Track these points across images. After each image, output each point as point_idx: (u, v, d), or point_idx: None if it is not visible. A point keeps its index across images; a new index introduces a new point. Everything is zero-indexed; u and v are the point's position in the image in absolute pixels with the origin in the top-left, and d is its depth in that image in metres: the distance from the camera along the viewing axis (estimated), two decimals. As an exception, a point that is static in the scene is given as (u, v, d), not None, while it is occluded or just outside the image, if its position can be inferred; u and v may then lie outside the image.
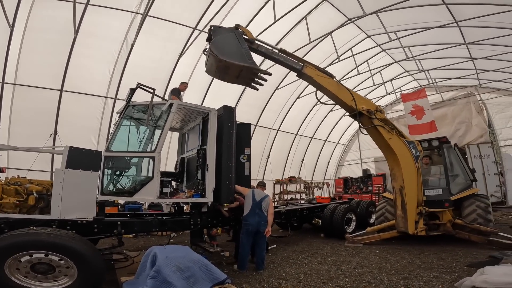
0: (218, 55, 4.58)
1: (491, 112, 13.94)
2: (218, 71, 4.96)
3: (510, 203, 12.26)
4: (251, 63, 4.87)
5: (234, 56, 4.77)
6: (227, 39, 4.93)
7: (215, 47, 4.71)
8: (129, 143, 5.15)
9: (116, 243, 4.53)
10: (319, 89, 6.09)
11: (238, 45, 4.95)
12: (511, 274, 2.73)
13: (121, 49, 8.77)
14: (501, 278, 2.68)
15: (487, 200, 6.83)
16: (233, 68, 4.81)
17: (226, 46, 4.80)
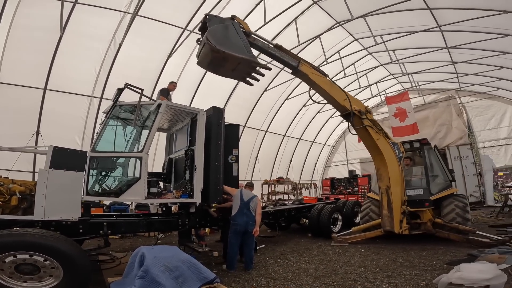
0: (216, 44, 4.19)
1: (470, 114, 14.51)
2: (212, 62, 4.59)
3: (488, 203, 12.73)
4: (250, 56, 4.56)
5: (233, 47, 4.43)
6: (225, 29, 4.56)
7: (212, 36, 4.27)
8: (116, 143, 5.09)
9: (102, 244, 4.47)
10: (312, 87, 6.06)
11: (236, 36, 4.61)
12: (485, 271, 2.86)
13: (108, 48, 8.64)
14: (475, 275, 2.81)
15: (465, 200, 7.08)
16: (231, 60, 4.48)
17: (224, 36, 4.44)
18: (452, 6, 8.90)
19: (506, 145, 13.72)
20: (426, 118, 14.44)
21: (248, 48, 4.66)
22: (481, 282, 2.72)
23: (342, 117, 6.71)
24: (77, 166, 4.00)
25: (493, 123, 14.04)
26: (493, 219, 9.60)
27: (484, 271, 2.87)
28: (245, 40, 4.71)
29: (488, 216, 10.28)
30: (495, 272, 2.89)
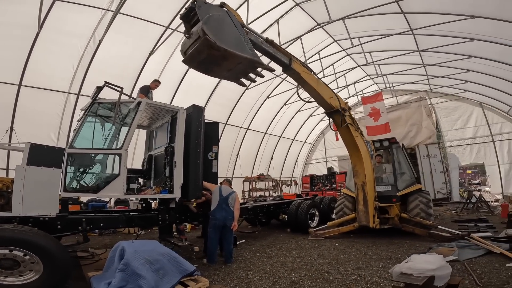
0: (216, 40, 3.64)
1: (439, 115, 15.34)
2: (207, 61, 4.04)
3: (454, 199, 13.56)
4: (254, 56, 4.13)
5: (235, 44, 3.92)
6: (221, 21, 3.97)
7: (211, 29, 3.68)
8: (94, 140, 5.08)
9: (81, 240, 4.49)
10: (302, 86, 5.94)
11: (235, 30, 4.08)
12: (431, 262, 3.16)
13: (87, 45, 8.46)
14: (422, 265, 3.09)
15: (428, 196, 7.48)
16: (231, 59, 3.99)
17: (222, 30, 3.90)
18: (424, 10, 9.34)
19: (471, 144, 14.63)
20: (399, 118, 15.15)
21: (251, 46, 4.19)
22: (427, 272, 2.99)
23: (326, 114, 6.76)
24: (54, 162, 4.01)
25: (460, 124, 14.91)
26: (457, 215, 10.18)
27: (431, 262, 3.15)
28: (245, 35, 4.21)
29: (453, 212, 10.86)
30: (441, 263, 3.19)
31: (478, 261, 4.79)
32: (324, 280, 4.26)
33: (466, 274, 4.14)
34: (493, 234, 6.50)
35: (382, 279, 4.06)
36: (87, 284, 3.99)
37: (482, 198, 11.22)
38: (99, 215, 4.99)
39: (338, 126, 6.66)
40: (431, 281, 3.05)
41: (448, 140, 15.14)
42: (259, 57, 4.29)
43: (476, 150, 14.49)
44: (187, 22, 4.07)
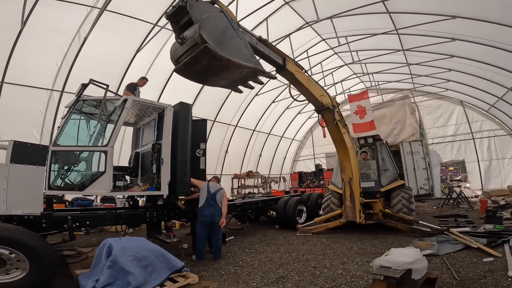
0: (218, 49, 3.29)
1: (422, 113, 15.80)
2: (204, 70, 3.66)
3: (436, 195, 14.00)
4: (257, 64, 3.83)
5: (237, 51, 3.58)
6: (221, 24, 3.59)
7: (210, 35, 3.30)
8: (79, 137, 5.03)
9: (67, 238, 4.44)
10: (294, 85, 5.87)
11: (236, 35, 3.73)
12: (408, 255, 3.26)
13: (72, 42, 8.25)
14: (401, 258, 3.19)
15: (410, 192, 7.72)
16: (233, 69, 3.64)
17: (223, 35, 3.54)
18: (408, 10, 9.54)
19: (452, 141, 15.15)
20: (384, 116, 15.52)
21: (252, 52, 3.87)
22: (404, 265, 3.11)
23: (316, 111, 6.80)
24: (38, 160, 3.96)
25: (442, 122, 15.40)
26: (438, 210, 10.51)
27: (408, 255, 3.26)
28: (244, 39, 3.88)
29: (434, 208, 11.19)
30: (417, 256, 3.30)
31: (456, 255, 4.96)
32: (311, 274, 4.38)
33: (445, 268, 4.31)
34: (472, 229, 6.68)
35: (366, 273, 4.20)
36: (74, 282, 3.97)
37: (462, 194, 11.61)
38: (85, 213, 4.94)
39: (327, 123, 6.73)
40: (408, 274, 3.19)
41: (430, 138, 15.63)
42: (261, 64, 3.98)
43: (457, 147, 15.02)
44: (175, 23, 3.64)
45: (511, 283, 3.57)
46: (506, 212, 8.18)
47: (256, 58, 3.99)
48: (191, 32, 3.44)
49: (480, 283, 3.64)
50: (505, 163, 13.93)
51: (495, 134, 14.15)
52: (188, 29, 3.53)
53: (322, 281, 4.11)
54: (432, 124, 15.62)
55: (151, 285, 3.55)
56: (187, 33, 3.51)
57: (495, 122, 14.16)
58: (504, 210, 8.71)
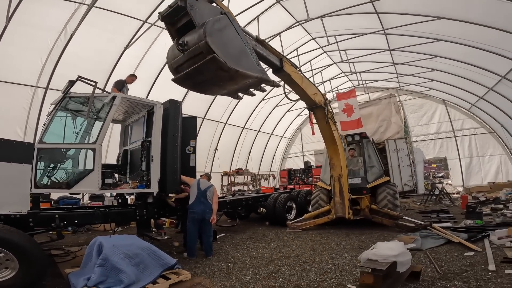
0: (227, 60, 3.01)
1: (406, 111, 16.25)
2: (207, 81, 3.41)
3: (420, 192, 14.41)
4: (263, 73, 3.56)
5: (244, 61, 3.31)
6: (226, 30, 3.29)
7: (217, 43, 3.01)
8: (65, 135, 4.96)
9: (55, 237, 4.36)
10: (288, 85, 5.81)
11: (241, 42, 3.43)
12: (393, 248, 3.42)
13: (58, 38, 8.02)
14: (386, 251, 3.35)
15: (395, 188, 7.91)
16: (239, 80, 3.40)
17: (230, 43, 3.25)
18: (396, 11, 9.75)
19: (435, 139, 15.67)
20: (370, 114, 15.86)
21: (257, 60, 3.61)
22: (390, 258, 3.26)
23: (308, 109, 6.83)
24: (24, 158, 3.87)
25: (425, 120, 15.89)
26: (422, 206, 10.83)
27: (393, 248, 3.41)
28: (249, 44, 3.58)
29: (418, 204, 11.52)
30: (402, 249, 3.46)
31: (439, 250, 5.14)
32: (302, 269, 4.47)
33: (428, 262, 4.46)
34: (453, 225, 6.92)
35: (354, 268, 4.32)
36: (64, 281, 3.92)
37: (444, 190, 12.02)
38: (73, 212, 4.85)
39: (319, 120, 6.80)
40: (394, 266, 3.33)
41: (414, 135, 16.11)
42: (266, 73, 3.72)
43: (439, 145, 15.54)
44: (171, 25, 3.30)
45: (491, 276, 3.71)
46: (486, 208, 8.46)
47: (262, 66, 3.72)
48: (194, 38, 3.07)
49: (462, 277, 3.78)
50: (485, 160, 14.51)
51: (476, 132, 14.71)
52: (189, 33, 3.17)
53: (313, 275, 4.21)
54: (416, 122, 16.09)
55: (144, 282, 3.55)
56: (189, 39, 3.13)
57: (476, 120, 14.71)
58: (484, 206, 9.00)
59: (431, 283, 3.66)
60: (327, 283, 3.89)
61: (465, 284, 3.55)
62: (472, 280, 3.67)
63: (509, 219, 6.73)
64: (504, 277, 3.66)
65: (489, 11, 7.80)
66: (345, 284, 3.81)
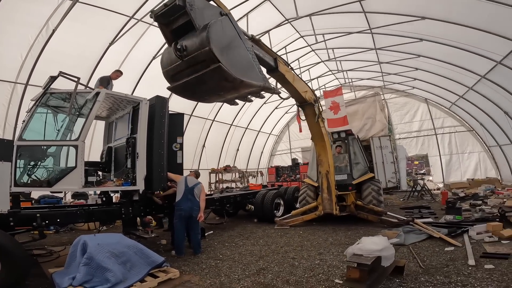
0: (232, 70, 2.80)
1: (390, 110, 16.64)
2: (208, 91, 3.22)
3: (402, 188, 14.84)
4: (265, 81, 3.36)
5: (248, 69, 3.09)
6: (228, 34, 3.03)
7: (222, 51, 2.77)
8: (46, 132, 4.83)
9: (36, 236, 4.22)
10: (282, 84, 5.73)
11: (244, 48, 3.21)
12: (378, 243, 3.51)
13: (39, 34, 7.69)
14: (371, 246, 3.44)
15: (379, 184, 8.09)
16: (242, 89, 3.20)
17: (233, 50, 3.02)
18: (382, 10, 9.91)
19: (417, 137, 16.12)
20: (356, 111, 16.16)
21: (259, 67, 3.39)
22: (374, 253, 3.35)
23: (299, 106, 6.83)
24: (3, 155, 3.71)
25: (408, 118, 16.33)
26: (404, 202, 11.14)
27: (377, 243, 3.50)
28: (251, 50, 3.35)
29: (401, 200, 11.84)
30: (385, 244, 3.56)
31: (421, 245, 5.30)
32: (290, 265, 4.53)
33: (411, 257, 4.60)
34: (434, 220, 7.14)
35: (341, 263, 4.40)
36: (48, 281, 3.82)
37: (426, 187, 12.40)
38: (54, 210, 4.70)
39: (308, 117, 6.82)
40: (378, 261, 3.43)
41: (398, 133, 16.53)
42: (268, 81, 3.52)
43: (421, 142, 16.02)
44: (166, 25, 3.01)
45: (471, 271, 3.84)
46: (465, 204, 8.76)
47: (264, 73, 3.52)
48: (194, 43, 2.78)
49: (444, 271, 3.91)
50: (465, 157, 15.07)
51: (456, 130, 15.25)
52: (188, 37, 2.89)
53: (301, 271, 4.27)
54: (399, 120, 16.52)
55: (131, 281, 3.49)
56: (188, 44, 2.84)
57: (456, 119, 15.24)
58: (463, 201, 9.33)
59: (415, 277, 3.77)
60: (315, 279, 3.96)
61: (446, 278, 3.67)
62: (453, 274, 3.78)
63: (487, 214, 6.98)
64: (483, 271, 3.79)
65: (471, 12, 8.02)
66: (332, 279, 3.88)
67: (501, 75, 9.64)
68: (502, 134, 12.12)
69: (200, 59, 2.81)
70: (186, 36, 2.97)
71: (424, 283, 3.58)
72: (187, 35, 2.94)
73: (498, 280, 3.49)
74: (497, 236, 5.21)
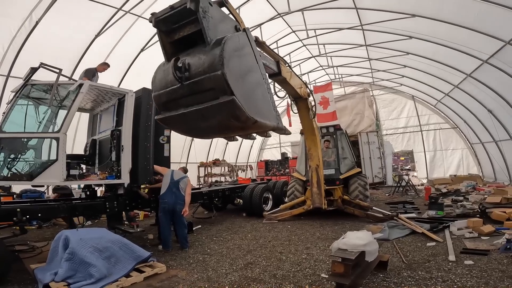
0: (247, 108, 2.14)
1: (378, 106, 16.86)
2: (209, 128, 2.54)
3: (388, 183, 15.11)
4: (278, 120, 2.72)
5: (265, 106, 2.49)
6: (248, 60, 2.43)
7: (237, 80, 2.16)
8: (27, 124, 4.68)
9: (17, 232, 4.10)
10: (281, 85, 5.55)
11: (261, 74, 2.56)
12: (362, 238, 3.58)
13: (22, 26, 7.36)
14: (355, 241, 3.50)
15: (365, 179, 8.20)
16: (251, 130, 2.71)
17: (249, 79, 2.37)
18: (374, 7, 9.92)
19: (403, 133, 16.45)
20: (345, 107, 16.31)
21: (274, 103, 2.71)
22: (358, 247, 3.40)
23: (292, 100, 6.69)
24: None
25: (395, 114, 16.59)
26: (390, 197, 11.32)
27: (362, 238, 3.57)
28: (266, 78, 2.71)
29: (386, 195, 12.05)
30: (369, 239, 3.63)
31: (404, 240, 5.43)
32: (278, 260, 4.57)
33: (395, 252, 4.71)
34: (417, 215, 7.29)
35: (328, 257, 4.45)
36: (31, 277, 3.74)
37: (410, 182, 12.68)
38: (36, 205, 4.57)
39: (301, 110, 6.74)
40: (362, 255, 3.48)
41: (385, 129, 16.81)
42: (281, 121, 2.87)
43: (407, 139, 16.36)
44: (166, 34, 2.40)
45: (452, 267, 3.96)
46: (447, 199, 8.93)
47: (278, 111, 2.84)
48: (202, 63, 2.13)
49: (425, 267, 4.02)
50: (448, 153, 15.49)
51: (440, 127, 15.62)
52: (193, 53, 2.25)
53: (288, 265, 4.31)
54: (386, 116, 16.77)
55: (116, 276, 3.44)
56: (193, 62, 2.19)
57: (441, 116, 15.59)
58: (445, 197, 9.53)
59: (398, 272, 3.87)
60: (302, 273, 4.00)
61: (428, 274, 3.77)
62: (434, 270, 3.88)
63: (468, 210, 7.18)
64: (463, 267, 3.90)
65: (461, 10, 8.08)
66: (318, 274, 3.94)
67: (486, 73, 9.85)
68: (485, 131, 12.48)
69: (207, 87, 2.14)
70: (191, 51, 2.32)
71: (407, 278, 3.67)
72: (193, 50, 2.30)
73: (477, 276, 3.58)
74: (477, 232, 5.36)
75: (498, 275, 3.54)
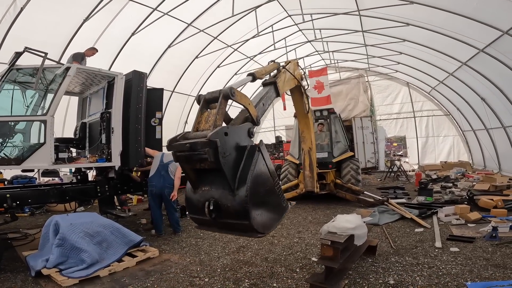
0: (261, 229, 2.23)
1: (373, 92, 16.85)
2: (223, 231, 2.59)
3: (381, 168, 15.28)
4: (285, 201, 2.71)
5: (275, 216, 2.48)
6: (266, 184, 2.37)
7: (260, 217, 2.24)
8: (14, 108, 4.59)
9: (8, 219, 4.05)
10: None
11: (274, 186, 2.48)
12: (350, 221, 3.62)
13: (6, 12, 7.02)
14: (344, 224, 3.54)
15: (358, 163, 8.24)
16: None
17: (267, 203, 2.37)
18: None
19: (396, 119, 16.56)
20: (340, 92, 16.24)
21: (281, 192, 2.63)
22: (348, 231, 3.45)
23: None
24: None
25: (389, 100, 16.62)
26: (381, 182, 11.56)
27: (351, 221, 3.61)
28: (277, 181, 2.62)
29: (378, 180, 12.30)
30: (358, 222, 3.70)
31: (394, 225, 5.53)
32: (270, 243, 4.64)
33: (384, 237, 4.80)
34: (407, 201, 7.40)
35: (319, 241, 4.49)
36: (23, 264, 3.73)
37: (402, 168, 12.89)
38: (25, 190, 4.50)
39: (293, 93, 6.60)
40: (351, 239, 3.54)
41: (379, 114, 16.88)
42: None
43: (400, 124, 16.49)
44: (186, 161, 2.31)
45: (438, 253, 4.05)
46: (436, 186, 9.13)
47: (283, 195, 2.81)
48: (232, 209, 2.16)
49: (412, 253, 4.11)
50: (440, 140, 15.71)
51: (433, 114, 15.74)
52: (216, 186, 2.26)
53: (280, 249, 4.39)
54: (381, 102, 16.80)
55: (108, 261, 3.45)
56: (222, 203, 2.20)
57: (434, 103, 15.67)
58: (435, 183, 9.73)
59: (386, 258, 3.96)
60: (293, 256, 4.08)
61: (414, 259, 3.86)
62: (421, 256, 3.98)
63: (456, 197, 7.33)
64: (449, 254, 3.99)
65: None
66: (309, 258, 4.03)
67: (482, 62, 9.81)
68: (477, 119, 12.60)
69: (236, 227, 2.26)
70: (212, 178, 2.28)
71: (394, 263, 3.76)
72: (214, 179, 2.26)
73: (462, 264, 3.66)
74: (464, 219, 5.45)
75: (483, 263, 3.61)
